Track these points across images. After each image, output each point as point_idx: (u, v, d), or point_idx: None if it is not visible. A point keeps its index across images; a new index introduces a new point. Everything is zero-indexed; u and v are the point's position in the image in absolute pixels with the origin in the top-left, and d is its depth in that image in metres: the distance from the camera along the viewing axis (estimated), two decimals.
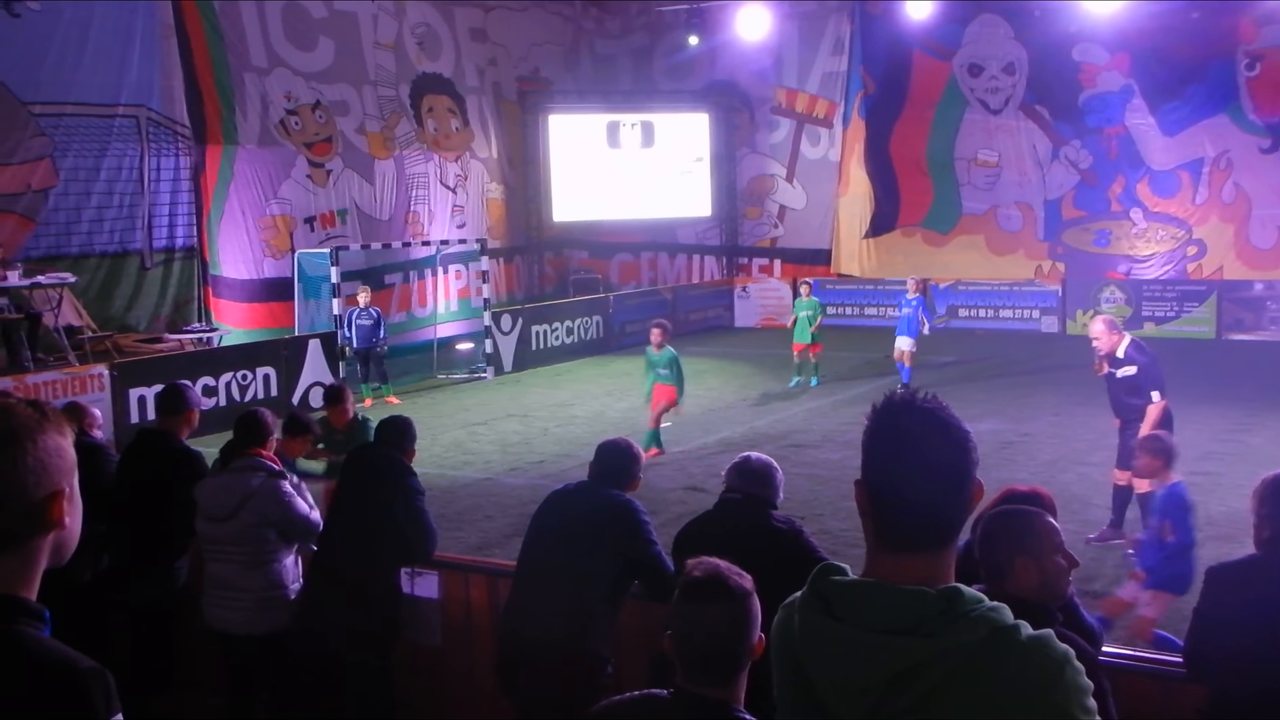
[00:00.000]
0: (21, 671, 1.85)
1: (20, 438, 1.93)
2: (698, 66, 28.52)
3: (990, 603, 1.96)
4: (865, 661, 1.95)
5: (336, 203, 22.42)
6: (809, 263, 27.66)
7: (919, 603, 1.95)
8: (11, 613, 1.92)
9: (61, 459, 1.99)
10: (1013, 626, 1.92)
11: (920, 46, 26.03)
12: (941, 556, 2.05)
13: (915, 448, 2.03)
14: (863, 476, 2.11)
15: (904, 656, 1.92)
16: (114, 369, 15.07)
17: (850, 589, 2.03)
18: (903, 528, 2.05)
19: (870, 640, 1.95)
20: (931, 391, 2.12)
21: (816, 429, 14.96)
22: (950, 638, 1.90)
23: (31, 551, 1.97)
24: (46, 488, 1.95)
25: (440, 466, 13.30)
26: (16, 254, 16.86)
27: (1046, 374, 18.76)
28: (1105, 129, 24.48)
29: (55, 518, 1.97)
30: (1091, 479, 11.98)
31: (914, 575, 2.00)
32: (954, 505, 2.05)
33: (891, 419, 2.08)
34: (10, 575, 1.95)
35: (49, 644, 1.92)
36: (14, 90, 17.40)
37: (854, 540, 9.52)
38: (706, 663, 2.94)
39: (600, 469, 5.32)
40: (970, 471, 2.06)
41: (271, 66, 21.31)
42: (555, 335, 22.05)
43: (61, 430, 2.01)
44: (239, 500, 5.82)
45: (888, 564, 2.05)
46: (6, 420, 1.95)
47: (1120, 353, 9.80)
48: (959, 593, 1.96)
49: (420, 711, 6.21)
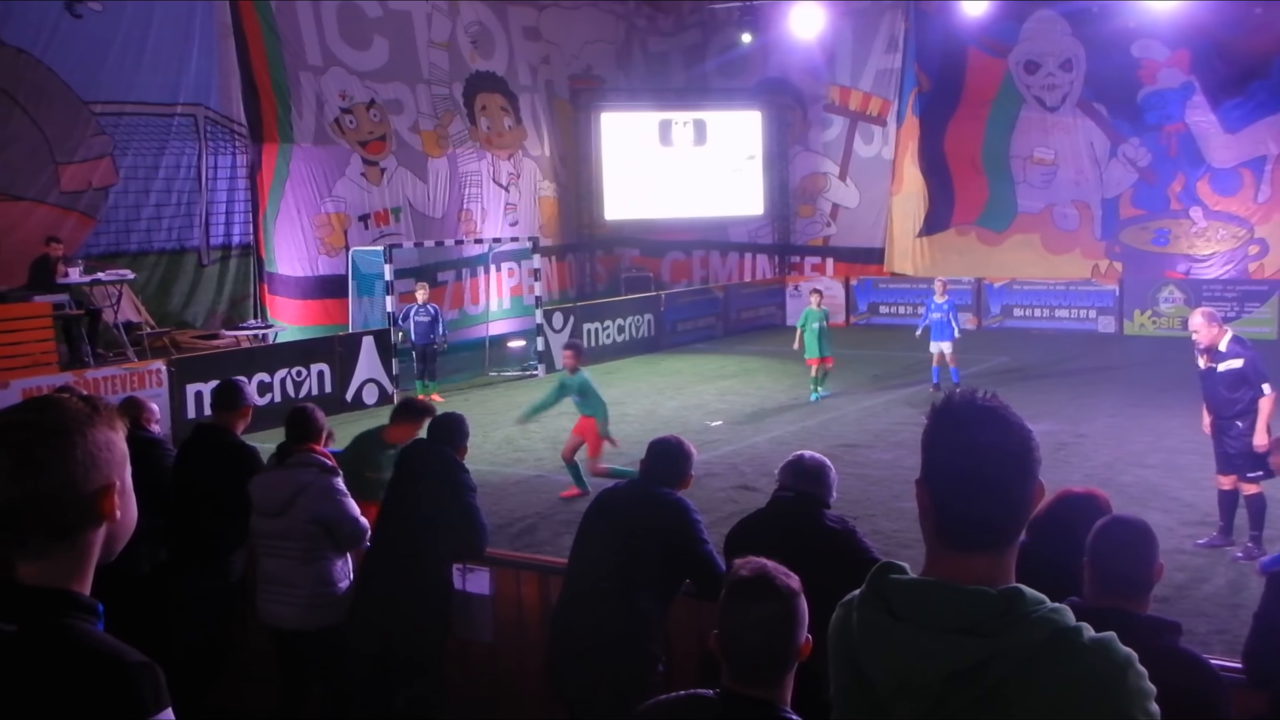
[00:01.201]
0: (72, 665, 1.87)
1: (70, 431, 1.95)
2: (750, 64, 28.43)
3: (1052, 604, 1.95)
4: (924, 660, 1.94)
5: (390, 201, 22.58)
6: (861, 261, 27.52)
7: (980, 602, 1.93)
8: (63, 607, 1.94)
9: (112, 453, 2.00)
10: (1075, 628, 1.90)
11: (975, 43, 25.78)
12: (1002, 556, 2.03)
13: (976, 446, 2.01)
14: (923, 475, 2.09)
15: (964, 656, 1.90)
16: (171, 365, 15.27)
17: (910, 587, 2.02)
18: (963, 527, 2.03)
19: (930, 639, 1.94)
20: (992, 390, 2.09)
21: (869, 429, 14.86)
22: (1011, 638, 1.89)
23: (83, 545, 1.98)
24: (97, 481, 1.96)
25: (492, 463, 13.35)
26: (78, 251, 17.15)
27: (1103, 375, 18.52)
28: (1165, 126, 24.12)
29: (106, 511, 1.98)
30: (1149, 482, 11.82)
31: (974, 575, 1.98)
32: (1015, 505, 2.03)
33: (952, 417, 2.06)
34: (62, 569, 1.96)
35: (100, 638, 1.94)
36: (76, 90, 17.69)
37: (906, 541, 9.45)
38: (751, 662, 2.93)
39: (652, 467, 5.31)
40: (1031, 471, 2.04)
41: (327, 65, 21.50)
42: (607, 333, 22.07)
43: (112, 424, 2.02)
44: (291, 495, 5.87)
45: (948, 563, 2.03)
46: (56, 414, 1.97)
47: (1223, 346, 9.38)
48: (1020, 593, 1.94)
49: (471, 707, 6.23)
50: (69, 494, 1.94)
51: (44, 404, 2.01)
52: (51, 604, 1.93)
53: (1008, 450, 2.02)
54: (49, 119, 17.30)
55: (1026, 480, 2.03)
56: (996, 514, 2.02)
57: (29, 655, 1.88)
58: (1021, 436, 2.03)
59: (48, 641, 1.89)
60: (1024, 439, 2.04)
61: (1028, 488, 2.03)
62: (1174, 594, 8.21)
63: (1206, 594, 8.53)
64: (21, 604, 1.93)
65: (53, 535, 1.94)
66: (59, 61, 17.44)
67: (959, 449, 2.03)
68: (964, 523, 2.03)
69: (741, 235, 29.12)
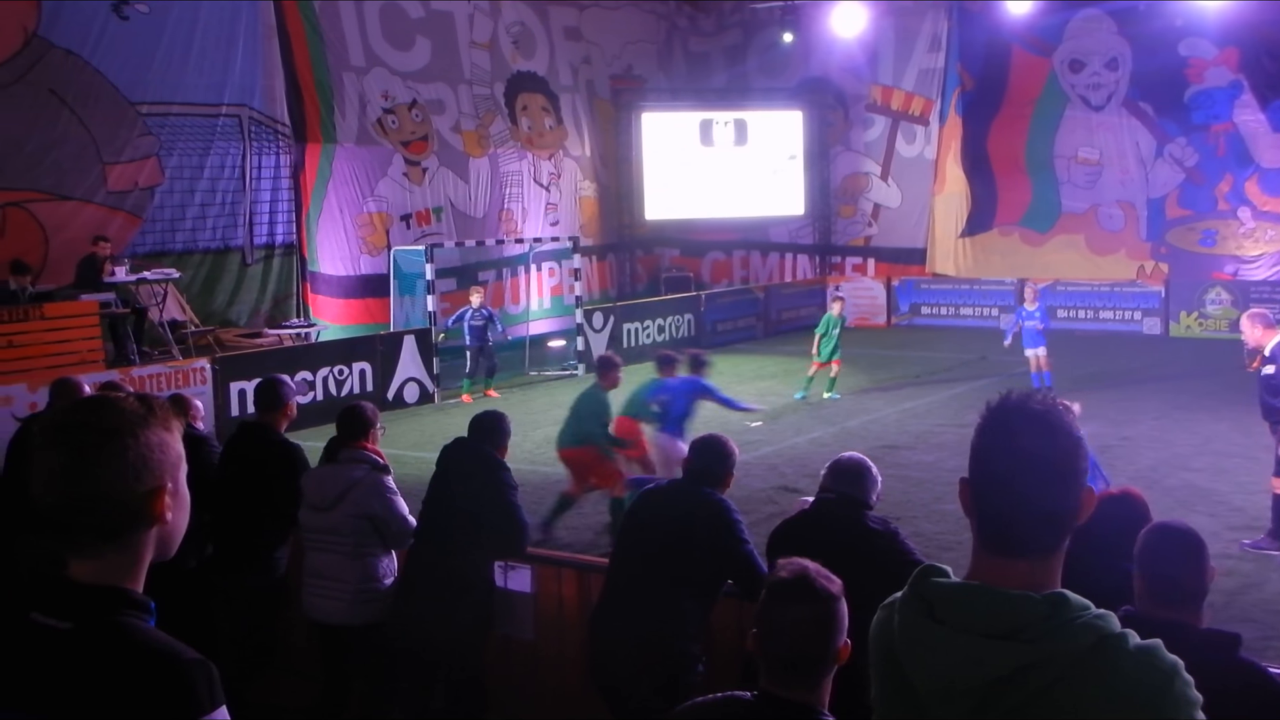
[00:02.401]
0: (127, 662, 1.88)
1: (121, 433, 1.95)
2: (791, 64, 28.32)
3: (1097, 610, 1.92)
4: (966, 665, 1.92)
5: (432, 200, 22.69)
6: (903, 262, 27.37)
7: (1023, 607, 1.91)
8: (117, 604, 1.95)
9: (164, 454, 2.00)
10: (1120, 635, 1.88)
11: (1019, 42, 25.57)
12: (1046, 562, 2.01)
13: (1015, 451, 1.99)
14: (969, 475, 2.07)
15: (1006, 661, 1.88)
16: (216, 363, 15.42)
17: (952, 591, 2.00)
18: (1002, 532, 2.01)
19: (972, 643, 1.92)
20: (1050, 394, 2.06)
21: (910, 430, 14.78)
22: (1054, 643, 1.87)
23: (135, 545, 1.99)
24: (148, 483, 1.97)
25: (532, 463, 13.37)
26: (124, 250, 17.35)
27: (1148, 377, 18.31)
28: (1212, 126, 23.80)
29: (157, 512, 1.99)
30: (1195, 485, 11.68)
31: (1018, 580, 1.96)
32: (1059, 511, 2.00)
33: (1002, 419, 2.04)
34: (115, 568, 1.97)
35: (154, 635, 1.95)
36: (123, 91, 17.89)
37: (948, 544, 9.40)
38: (789, 664, 2.92)
39: (694, 467, 5.31)
40: (1078, 477, 2.01)
41: (369, 66, 21.64)
42: (647, 333, 22.07)
43: (168, 425, 2.02)
44: (342, 490, 5.93)
45: (991, 567, 2.01)
46: (109, 415, 1.97)
47: (1268, 350, 9.24)
48: (1065, 599, 1.92)
49: (512, 704, 6.25)
50: (119, 496, 1.94)
51: (98, 404, 2.01)
52: (105, 601, 1.94)
53: (1048, 457, 1.99)
54: (96, 119, 17.52)
55: (1068, 488, 2.00)
56: (1036, 520, 1.99)
57: (84, 652, 1.89)
58: (1066, 443, 2.00)
59: (103, 639, 1.90)
60: (1068, 446, 2.00)
61: (1070, 496, 2.01)
62: (1222, 600, 8.10)
63: (1255, 600, 8.42)
64: (76, 602, 1.94)
65: (104, 536, 1.95)
66: (106, 63, 17.65)
67: (999, 453, 2.02)
68: (1003, 528, 2.01)
69: (782, 235, 29.02)
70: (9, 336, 14.09)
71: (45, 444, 1.97)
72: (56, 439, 1.96)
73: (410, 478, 10.16)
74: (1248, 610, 8.18)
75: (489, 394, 17.90)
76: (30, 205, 16.83)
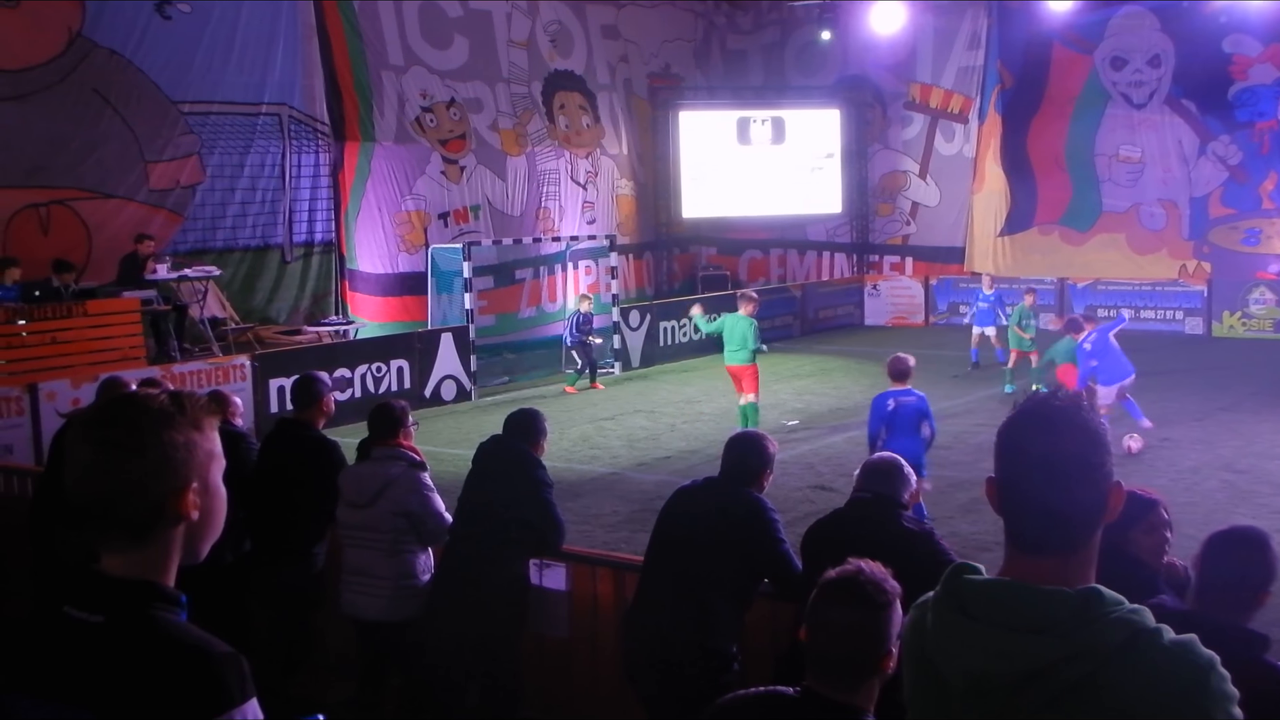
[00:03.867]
0: (158, 655, 1.89)
1: (144, 431, 1.96)
2: (829, 62, 28.23)
3: (1131, 605, 1.92)
4: (998, 660, 1.93)
5: (469, 199, 22.78)
6: (942, 261, 27.21)
7: (1055, 602, 1.92)
8: (148, 598, 1.96)
9: (191, 453, 2.00)
10: (1155, 630, 1.88)
11: (1060, 39, 25.35)
12: (1076, 558, 2.01)
13: (1044, 446, 2.01)
14: (995, 473, 2.08)
15: (1038, 656, 1.89)
16: (255, 360, 15.54)
17: (985, 587, 2.02)
18: (1026, 529, 2.03)
19: (1005, 639, 1.93)
20: (1073, 393, 2.07)
21: (947, 430, 14.67)
22: (1087, 638, 1.87)
23: (164, 541, 2.00)
24: (172, 483, 1.98)
25: (568, 460, 13.41)
26: (165, 248, 17.52)
27: (1190, 378, 18.09)
28: (1257, 123, 23.51)
29: (182, 511, 1.99)
30: (1237, 487, 11.55)
31: (1049, 576, 1.98)
32: (1084, 507, 2.01)
33: (1026, 416, 2.06)
34: (144, 562, 1.99)
35: (185, 629, 1.96)
36: (165, 90, 18.08)
37: (984, 544, 9.33)
38: (831, 664, 2.93)
39: (730, 465, 5.29)
40: (1103, 473, 2.02)
41: (408, 65, 21.75)
42: (684, 331, 22.04)
43: (197, 424, 2.02)
44: (379, 487, 5.96)
45: (1022, 564, 2.03)
46: (136, 413, 1.99)
47: None
48: (1098, 594, 1.93)
49: (546, 701, 6.26)
50: (144, 493, 1.96)
51: (127, 402, 2.03)
52: (136, 595, 1.96)
53: (1065, 456, 2.00)
54: (139, 118, 17.71)
55: (1096, 483, 2.01)
56: (1059, 518, 2.00)
57: (116, 645, 1.91)
58: (1084, 442, 2.01)
59: (134, 632, 1.92)
60: (1087, 445, 2.01)
61: (1093, 493, 2.01)
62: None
63: None
64: (107, 595, 1.96)
65: (131, 531, 1.97)
66: (148, 62, 17.84)
67: (1019, 453, 2.04)
68: (1027, 525, 2.03)
69: (819, 234, 28.93)
70: (52, 333, 14.26)
71: (77, 440, 2.00)
72: (87, 435, 1.98)
73: (448, 475, 10.20)
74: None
75: (595, 386, 18.88)
76: (74, 204, 17.04)
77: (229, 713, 1.88)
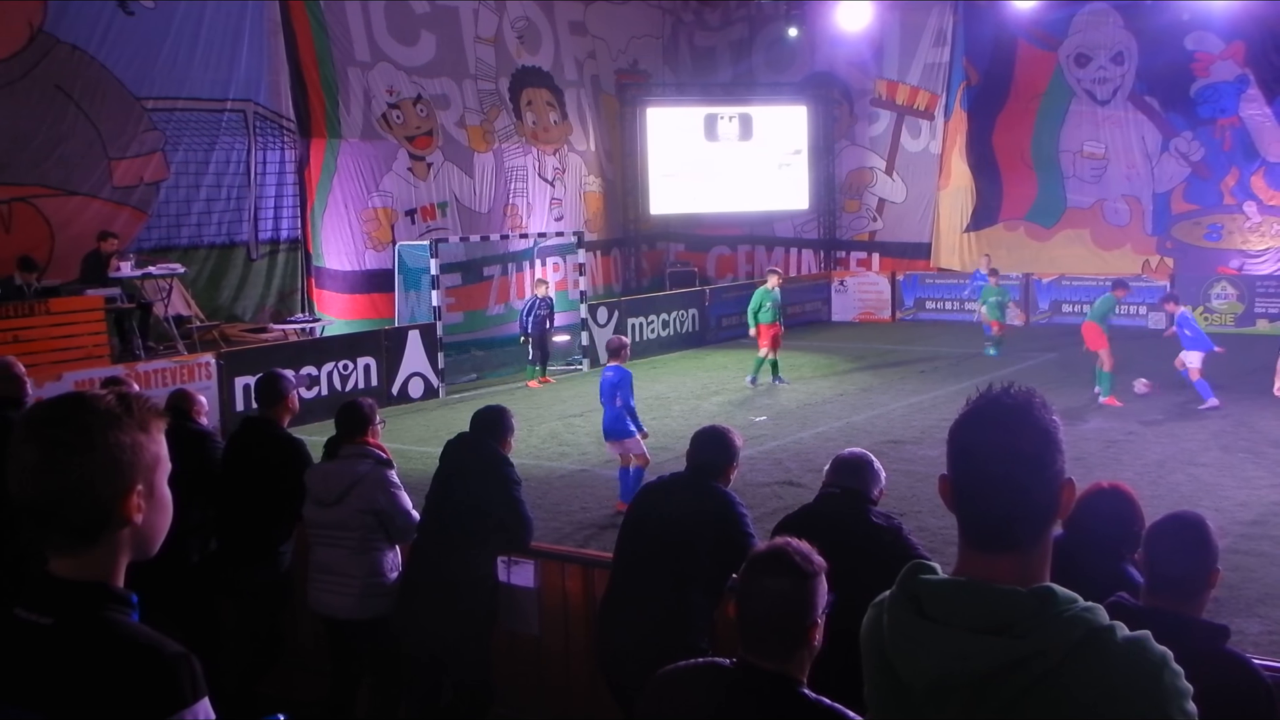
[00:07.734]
0: (110, 656, 1.88)
1: (91, 433, 1.94)
2: (797, 58, 28.33)
3: (1085, 603, 1.91)
4: (955, 661, 1.91)
5: (437, 195, 22.70)
6: (908, 256, 27.35)
7: (1010, 602, 1.91)
8: (99, 599, 1.95)
9: (137, 456, 1.98)
10: (1109, 628, 1.87)
11: (1025, 36, 25.54)
12: (1030, 555, 1.99)
13: (995, 441, 1.98)
14: (948, 471, 2.06)
15: (995, 656, 1.88)
16: (221, 358, 15.44)
17: (940, 587, 1.99)
18: (979, 526, 2.01)
19: (961, 640, 1.91)
20: (1025, 385, 2.05)
21: (915, 424, 14.77)
22: (1043, 638, 1.86)
23: (110, 544, 1.99)
24: (117, 485, 1.96)
25: (537, 457, 13.39)
26: (129, 245, 17.36)
27: (1154, 371, 18.24)
28: (1219, 120, 23.77)
29: (126, 514, 1.97)
30: (1201, 480, 11.66)
31: (1004, 574, 1.96)
32: (1031, 506, 1.98)
33: (979, 414, 2.02)
34: (93, 564, 1.98)
35: (137, 629, 1.95)
36: (129, 86, 17.91)
37: (953, 539, 9.33)
38: (762, 632, 3.02)
39: (697, 460, 5.30)
40: (1053, 468, 1.99)
41: (374, 61, 21.64)
42: (651, 328, 22.07)
43: (144, 426, 2.00)
44: (347, 485, 5.93)
45: (976, 562, 2.00)
46: (81, 415, 1.96)
47: None
48: (1052, 593, 1.91)
49: (518, 699, 6.25)
50: (87, 496, 1.94)
51: (73, 403, 2.00)
52: (86, 597, 1.95)
53: (1017, 450, 1.97)
54: (102, 115, 17.54)
55: (1046, 478, 1.98)
56: (1011, 514, 1.98)
57: (67, 647, 1.89)
58: (1038, 436, 1.98)
59: (85, 633, 1.91)
60: (1040, 439, 1.98)
61: (1046, 489, 1.98)
62: (1226, 594, 8.09)
63: (1259, 595, 8.41)
64: (57, 597, 1.94)
65: (76, 533, 1.95)
66: (112, 58, 17.66)
67: (971, 450, 2.01)
68: (980, 522, 2.01)
69: (787, 230, 29.02)
70: (15, 331, 14.10)
71: (20, 439, 1.97)
72: (33, 434, 1.96)
73: (415, 473, 10.17)
74: (1251, 606, 8.17)
75: (545, 380, 18.82)
76: (36, 200, 16.85)
77: (180, 712, 1.87)
